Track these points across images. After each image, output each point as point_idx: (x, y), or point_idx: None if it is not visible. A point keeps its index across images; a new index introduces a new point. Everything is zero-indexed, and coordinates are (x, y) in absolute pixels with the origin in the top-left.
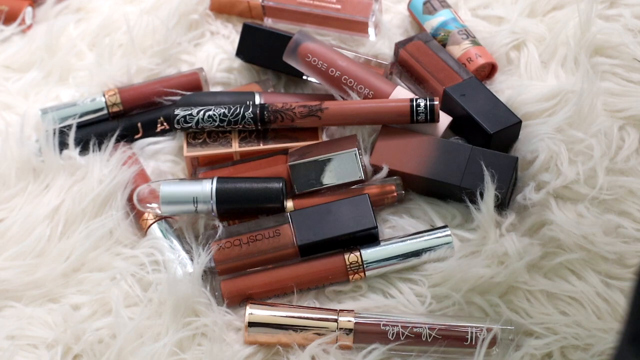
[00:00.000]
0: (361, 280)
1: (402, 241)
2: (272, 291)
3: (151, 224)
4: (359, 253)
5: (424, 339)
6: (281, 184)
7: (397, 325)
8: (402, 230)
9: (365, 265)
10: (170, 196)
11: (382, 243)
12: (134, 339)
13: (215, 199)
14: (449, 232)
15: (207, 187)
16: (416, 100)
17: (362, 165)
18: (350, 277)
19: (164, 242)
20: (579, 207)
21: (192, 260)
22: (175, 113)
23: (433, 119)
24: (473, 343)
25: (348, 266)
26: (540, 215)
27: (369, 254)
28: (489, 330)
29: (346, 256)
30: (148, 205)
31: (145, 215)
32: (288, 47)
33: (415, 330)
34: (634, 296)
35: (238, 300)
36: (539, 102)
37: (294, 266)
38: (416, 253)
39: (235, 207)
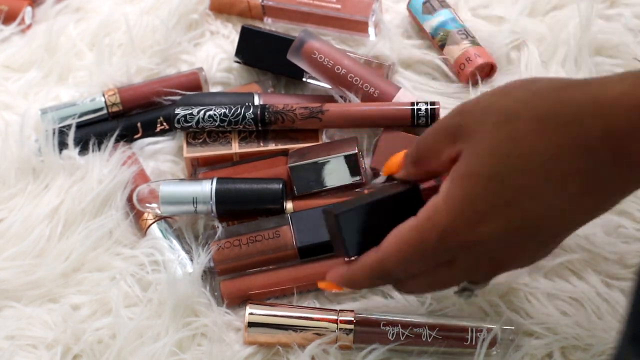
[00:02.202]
0: None
1: None
2: (272, 292)
3: (151, 224)
4: None
5: (424, 339)
6: (281, 185)
7: (397, 326)
8: None
9: None
10: (170, 196)
11: None
12: (134, 339)
13: (214, 199)
14: None
15: (206, 188)
16: (417, 104)
17: (362, 168)
18: None
19: (163, 242)
20: None
21: (191, 260)
22: (176, 112)
23: (434, 122)
24: (473, 343)
25: None
26: None
27: None
28: (489, 330)
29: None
30: (148, 205)
31: (145, 215)
32: (293, 45)
33: (415, 330)
34: (634, 296)
35: (238, 302)
36: None
37: (294, 268)
38: None
39: (234, 208)
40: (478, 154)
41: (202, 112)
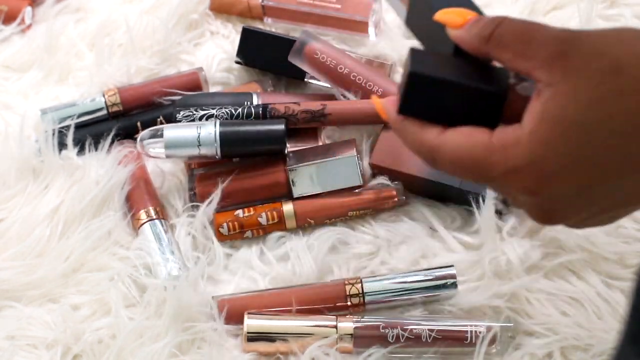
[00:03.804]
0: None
1: (405, 276)
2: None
3: (143, 224)
4: (360, 285)
5: (423, 340)
6: (283, 126)
7: (397, 327)
8: (400, 235)
9: (365, 297)
10: (174, 140)
11: (384, 277)
12: (134, 339)
13: (219, 141)
14: (454, 272)
15: (210, 130)
16: None
17: (361, 171)
18: (350, 309)
19: (152, 244)
20: None
21: (179, 264)
22: (177, 117)
23: None
24: (473, 342)
25: (348, 296)
26: None
27: (371, 286)
28: (488, 329)
29: (347, 287)
30: (152, 149)
31: (139, 214)
32: (294, 47)
33: (414, 331)
34: (634, 296)
35: (236, 320)
36: None
37: (293, 290)
38: (419, 291)
39: (238, 149)
40: (577, 100)
41: (204, 118)
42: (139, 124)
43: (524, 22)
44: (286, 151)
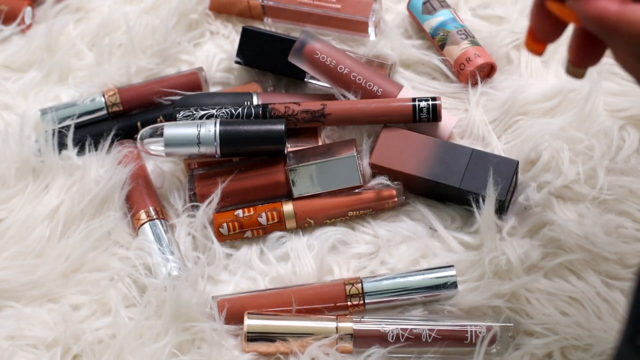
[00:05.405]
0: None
1: (405, 276)
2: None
3: (142, 224)
4: (360, 285)
5: (423, 340)
6: (283, 126)
7: (397, 327)
8: (400, 235)
9: (365, 297)
10: (174, 138)
11: (384, 277)
12: (134, 339)
13: (219, 140)
14: (454, 272)
15: (210, 129)
16: (418, 100)
17: (360, 171)
18: (350, 309)
19: (152, 244)
20: (579, 207)
21: (179, 264)
22: (177, 117)
23: (435, 118)
24: (473, 342)
25: (348, 296)
26: (541, 215)
27: (371, 286)
28: (488, 329)
29: (347, 287)
30: (152, 148)
31: (139, 215)
32: (294, 46)
33: (414, 331)
34: (634, 296)
35: (236, 320)
36: (539, 101)
37: (293, 290)
38: (419, 291)
39: (238, 148)
40: None
41: (204, 118)
42: (139, 124)
43: None
44: (286, 151)
